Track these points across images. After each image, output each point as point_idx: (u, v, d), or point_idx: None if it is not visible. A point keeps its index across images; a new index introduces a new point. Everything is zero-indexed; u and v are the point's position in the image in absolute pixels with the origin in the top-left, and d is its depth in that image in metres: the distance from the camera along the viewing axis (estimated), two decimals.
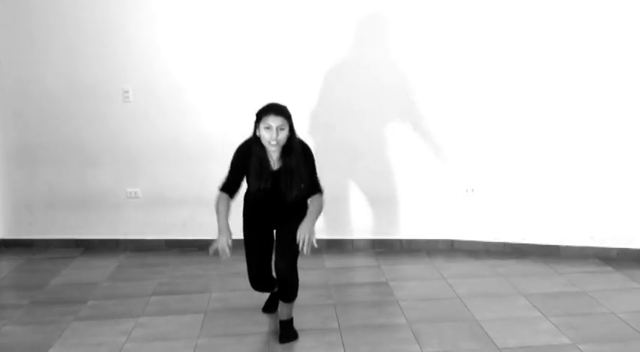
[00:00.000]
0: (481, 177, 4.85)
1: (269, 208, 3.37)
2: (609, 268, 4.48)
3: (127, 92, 4.97)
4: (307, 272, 4.40)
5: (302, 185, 3.29)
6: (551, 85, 4.60)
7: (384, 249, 5.04)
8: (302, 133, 4.82)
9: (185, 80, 4.92)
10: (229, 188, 3.34)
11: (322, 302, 3.95)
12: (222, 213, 3.27)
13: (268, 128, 3.15)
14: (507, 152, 4.76)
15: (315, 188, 3.36)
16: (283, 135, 3.17)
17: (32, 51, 4.97)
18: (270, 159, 3.28)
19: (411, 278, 4.42)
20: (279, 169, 3.28)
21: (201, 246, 5.14)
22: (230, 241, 3.21)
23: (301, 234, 3.17)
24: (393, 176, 4.96)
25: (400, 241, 5.05)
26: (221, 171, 5.05)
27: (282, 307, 3.51)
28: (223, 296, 4.12)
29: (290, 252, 3.34)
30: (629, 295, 4.00)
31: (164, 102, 4.96)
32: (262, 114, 3.19)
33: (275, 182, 3.27)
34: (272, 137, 3.14)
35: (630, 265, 4.51)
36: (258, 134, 3.22)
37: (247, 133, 4.95)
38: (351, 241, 5.10)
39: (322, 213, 4.97)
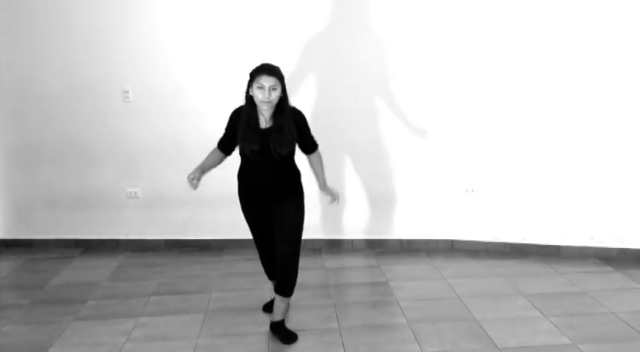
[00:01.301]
0: (481, 177, 4.85)
1: (262, 173, 3.37)
2: (609, 268, 4.48)
3: (126, 92, 4.97)
4: (307, 272, 4.41)
5: (293, 144, 3.36)
6: (551, 86, 4.60)
7: (384, 248, 5.04)
8: None
9: (185, 80, 4.92)
10: (222, 144, 3.54)
11: (322, 302, 3.95)
12: (207, 159, 3.60)
13: (261, 87, 3.21)
14: (507, 152, 4.76)
15: (313, 145, 3.51)
16: (275, 94, 3.24)
17: (32, 51, 4.97)
18: (260, 118, 3.33)
19: (411, 278, 4.42)
20: (270, 128, 3.31)
21: (201, 246, 5.16)
22: (198, 174, 3.52)
23: (330, 194, 3.56)
24: (393, 176, 4.96)
25: (400, 241, 5.05)
26: (221, 171, 5.09)
27: (278, 304, 3.50)
28: (223, 296, 4.12)
29: (291, 240, 3.39)
30: (629, 295, 4.00)
31: (164, 102, 4.96)
32: (255, 74, 3.25)
33: (265, 142, 3.30)
34: (264, 96, 3.21)
35: (630, 265, 4.51)
36: (250, 94, 3.29)
37: None
38: (351, 241, 5.10)
39: (321, 213, 5.04)
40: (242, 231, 5.09)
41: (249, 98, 3.31)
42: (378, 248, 5.06)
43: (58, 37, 4.94)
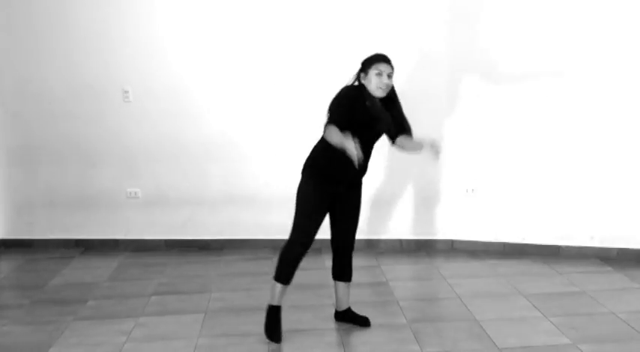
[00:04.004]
0: (481, 177, 4.85)
1: (364, 156, 3.28)
2: (609, 268, 4.48)
3: (126, 92, 4.97)
4: (307, 272, 4.40)
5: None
6: (550, 86, 4.60)
7: (384, 248, 5.04)
8: (302, 132, 4.84)
9: (185, 80, 4.92)
10: (339, 123, 3.17)
11: (322, 302, 3.95)
12: (339, 131, 3.13)
13: (380, 74, 3.27)
14: (507, 152, 4.76)
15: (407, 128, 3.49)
16: (391, 81, 3.33)
17: (32, 51, 4.97)
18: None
19: (411, 278, 4.42)
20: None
21: (201, 246, 5.16)
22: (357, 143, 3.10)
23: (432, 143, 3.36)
24: (393, 176, 4.95)
25: (400, 241, 5.05)
26: (221, 171, 5.09)
27: (345, 292, 3.60)
28: (223, 296, 4.12)
29: (356, 226, 3.53)
30: (629, 295, 4.00)
31: (164, 102, 4.96)
32: (373, 61, 3.31)
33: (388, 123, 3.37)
34: (382, 82, 3.27)
35: (630, 265, 4.51)
36: (363, 82, 3.31)
37: (246, 133, 5.01)
38: None
39: None
40: (242, 231, 5.13)
41: (361, 86, 3.31)
42: (378, 248, 5.06)
43: (59, 37, 4.94)
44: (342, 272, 3.59)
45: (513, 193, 4.79)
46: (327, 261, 4.73)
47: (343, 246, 3.54)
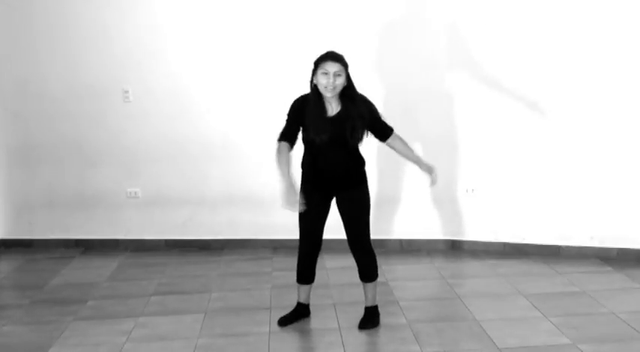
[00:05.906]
0: (481, 177, 4.84)
1: (330, 162, 3.35)
2: (609, 268, 4.47)
3: (127, 92, 4.97)
4: None
5: (364, 132, 3.35)
6: (551, 85, 4.60)
7: (384, 248, 5.04)
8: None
9: (185, 80, 4.92)
10: (287, 136, 3.37)
11: (322, 302, 3.95)
12: (284, 163, 3.32)
13: (325, 73, 3.22)
14: (507, 152, 4.76)
15: (388, 129, 3.46)
16: (340, 80, 3.24)
17: (32, 51, 4.97)
18: (328, 106, 3.32)
19: (411, 278, 4.42)
20: (339, 116, 3.31)
21: (201, 246, 5.16)
22: (297, 194, 3.30)
23: (431, 171, 3.47)
24: (393, 176, 4.95)
25: (400, 241, 5.05)
26: (221, 171, 5.10)
27: (366, 291, 3.60)
28: (223, 296, 4.12)
29: (362, 227, 3.46)
30: (629, 295, 4.00)
31: (164, 102, 4.96)
32: (320, 61, 3.26)
33: (334, 129, 3.29)
34: (328, 82, 3.21)
35: (630, 265, 4.51)
36: (315, 82, 3.28)
37: (246, 133, 5.01)
38: None
39: None
40: (241, 231, 5.14)
41: (314, 87, 3.30)
42: (378, 248, 4.98)
43: (58, 37, 4.94)
44: (361, 273, 3.60)
45: (513, 193, 4.79)
46: (328, 261, 4.76)
47: (352, 249, 3.55)
